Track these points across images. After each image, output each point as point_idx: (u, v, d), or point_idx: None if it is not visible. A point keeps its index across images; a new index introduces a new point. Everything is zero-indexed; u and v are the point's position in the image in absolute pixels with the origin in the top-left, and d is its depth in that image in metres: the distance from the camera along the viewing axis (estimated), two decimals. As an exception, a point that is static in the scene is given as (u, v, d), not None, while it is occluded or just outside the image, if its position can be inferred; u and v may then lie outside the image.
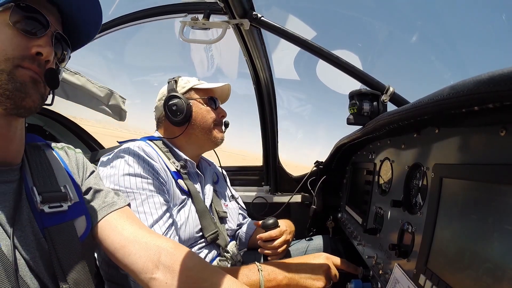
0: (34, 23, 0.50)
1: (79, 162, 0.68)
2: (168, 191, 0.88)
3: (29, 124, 1.68)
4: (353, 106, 0.93)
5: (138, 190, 0.80)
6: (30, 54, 0.49)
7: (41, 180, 0.56)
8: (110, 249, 0.60)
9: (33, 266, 0.49)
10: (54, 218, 0.54)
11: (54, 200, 0.55)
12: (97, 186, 0.67)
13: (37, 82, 0.50)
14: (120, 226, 0.62)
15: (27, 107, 0.49)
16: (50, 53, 0.50)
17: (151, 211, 0.80)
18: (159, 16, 1.20)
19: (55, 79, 0.53)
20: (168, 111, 0.98)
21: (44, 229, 0.52)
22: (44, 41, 0.50)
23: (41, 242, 0.51)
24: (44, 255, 0.51)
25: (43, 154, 0.61)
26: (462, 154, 0.49)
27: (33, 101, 0.50)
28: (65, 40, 0.57)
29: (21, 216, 0.51)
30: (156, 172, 0.86)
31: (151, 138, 1.00)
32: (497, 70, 0.32)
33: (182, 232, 0.88)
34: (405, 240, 0.64)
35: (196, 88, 1.04)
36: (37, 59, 0.50)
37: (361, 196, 1.03)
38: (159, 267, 0.58)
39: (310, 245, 1.26)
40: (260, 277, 0.77)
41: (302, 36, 0.97)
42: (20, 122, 0.54)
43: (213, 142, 1.06)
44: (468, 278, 0.41)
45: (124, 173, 0.81)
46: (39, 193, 0.53)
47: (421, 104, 0.48)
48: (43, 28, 0.51)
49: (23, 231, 0.50)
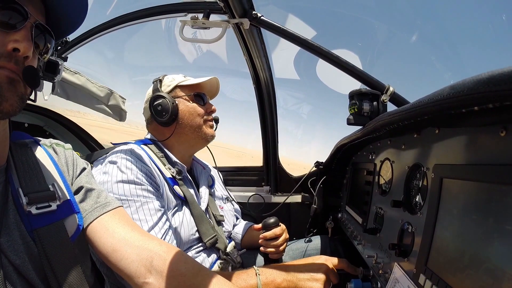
0: (10, 14, 0.45)
1: (68, 159, 0.64)
2: (161, 195, 0.87)
3: (29, 125, 1.69)
4: (353, 106, 0.93)
5: (132, 197, 0.79)
6: (6, 51, 0.44)
7: (27, 180, 0.53)
8: (102, 252, 0.58)
9: (22, 271, 0.47)
10: (43, 219, 0.51)
11: (42, 200, 0.52)
12: (89, 184, 0.63)
13: (14, 82, 0.46)
14: (112, 229, 0.59)
15: (5, 112, 0.45)
16: (28, 48, 0.45)
17: (146, 218, 0.78)
18: (159, 15, 1.20)
19: (35, 78, 0.48)
20: (154, 112, 0.95)
21: (33, 231, 0.49)
22: (22, 35, 0.45)
23: (30, 245, 0.49)
24: (33, 259, 0.49)
25: (29, 152, 0.58)
26: (462, 155, 0.48)
27: (11, 105, 0.46)
28: (48, 31, 0.52)
29: (8, 219, 0.48)
30: (148, 177, 0.84)
31: (145, 142, 0.98)
32: (497, 70, 0.32)
33: (178, 236, 0.87)
34: (405, 240, 0.64)
35: (181, 85, 1.01)
36: (14, 55, 0.45)
37: (361, 196, 1.03)
38: (152, 271, 0.56)
39: (310, 245, 1.26)
40: (258, 281, 0.76)
41: (302, 35, 0.97)
42: (1, 124, 0.51)
43: (204, 139, 1.03)
44: (468, 278, 0.41)
45: (117, 180, 0.79)
46: (25, 194, 0.51)
47: (421, 104, 0.48)
48: (22, 19, 0.46)
49: (10, 235, 0.47)
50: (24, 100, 0.49)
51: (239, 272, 0.79)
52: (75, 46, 1.41)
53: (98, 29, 1.36)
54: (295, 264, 0.87)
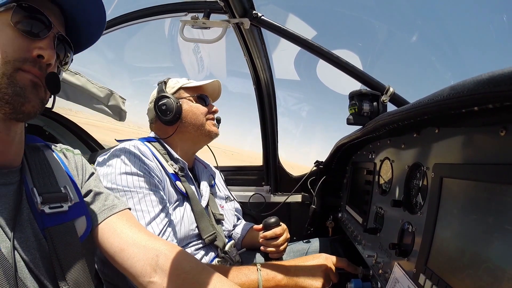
0: (36, 24, 0.49)
1: (78, 164, 0.67)
2: (163, 189, 0.89)
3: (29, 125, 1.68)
4: (353, 107, 0.93)
5: (135, 189, 0.81)
6: (32, 57, 0.48)
7: (41, 181, 0.55)
8: (109, 252, 0.60)
9: (33, 268, 0.49)
10: (55, 219, 0.53)
11: (55, 201, 0.54)
12: (97, 188, 0.66)
13: (37, 86, 0.49)
14: (119, 229, 0.61)
15: (26, 112, 0.48)
16: (52, 56, 0.49)
17: (148, 209, 0.80)
18: (159, 15, 1.20)
19: (56, 84, 0.51)
20: (159, 111, 0.99)
21: (45, 229, 0.51)
22: (46, 43, 0.49)
23: (42, 242, 0.51)
24: (44, 256, 0.51)
25: (42, 155, 0.60)
26: (462, 154, 0.49)
27: (33, 106, 0.49)
28: (68, 42, 0.56)
29: (22, 217, 0.50)
30: (151, 170, 0.86)
31: (148, 140, 1.01)
32: (497, 70, 0.32)
33: (177, 231, 0.88)
34: (405, 239, 0.64)
35: (185, 87, 1.05)
36: (39, 62, 0.48)
37: (361, 196, 1.03)
38: (157, 270, 0.57)
39: (311, 246, 1.26)
40: (259, 276, 0.77)
41: (303, 35, 0.97)
42: (19, 126, 0.54)
43: (207, 136, 1.06)
44: (468, 277, 0.41)
45: (120, 172, 0.82)
46: (39, 193, 0.53)
47: (421, 104, 0.48)
48: (46, 29, 0.50)
49: (24, 232, 0.49)
50: (44, 104, 0.52)
51: (241, 267, 0.81)
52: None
53: (98, 29, 1.36)
54: (295, 262, 0.88)
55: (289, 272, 0.80)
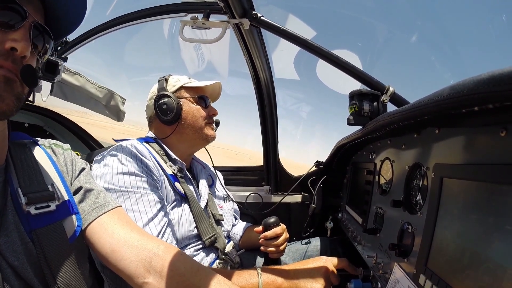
0: (8, 14, 0.44)
1: (67, 160, 0.64)
2: (160, 189, 0.88)
3: (29, 125, 1.68)
4: (353, 106, 0.93)
5: (132, 189, 0.80)
6: (4, 50, 0.44)
7: (26, 179, 0.53)
8: (102, 253, 0.58)
9: (21, 273, 0.47)
10: (42, 220, 0.51)
11: (41, 200, 0.52)
12: (88, 185, 0.63)
13: (11, 82, 0.45)
14: (111, 229, 0.59)
15: (1, 111, 0.45)
16: (26, 47, 0.45)
17: (146, 210, 0.80)
18: (158, 15, 1.20)
19: (32, 77, 0.48)
20: (159, 110, 0.98)
21: (32, 231, 0.49)
22: (20, 35, 0.45)
23: (29, 246, 0.49)
24: (32, 260, 0.48)
25: (28, 152, 0.57)
26: (462, 154, 0.48)
27: (7, 104, 0.45)
28: (46, 31, 0.51)
29: (7, 220, 0.48)
30: (149, 170, 0.86)
31: (146, 140, 1.00)
32: (497, 70, 0.32)
33: (176, 231, 0.88)
34: (405, 240, 0.64)
35: (186, 86, 1.04)
36: (12, 54, 0.45)
37: (361, 196, 1.03)
38: (151, 271, 0.56)
39: (310, 246, 1.26)
40: (259, 280, 0.77)
41: (302, 35, 0.97)
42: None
43: (205, 140, 1.05)
44: (468, 278, 0.41)
45: (117, 172, 0.81)
46: (24, 194, 0.50)
47: (421, 104, 0.48)
48: (20, 19, 0.45)
49: (9, 236, 0.47)
50: (21, 100, 0.49)
51: (241, 271, 0.80)
52: (75, 46, 1.42)
53: (98, 30, 1.36)
54: (295, 265, 0.88)
55: (289, 275, 0.80)
